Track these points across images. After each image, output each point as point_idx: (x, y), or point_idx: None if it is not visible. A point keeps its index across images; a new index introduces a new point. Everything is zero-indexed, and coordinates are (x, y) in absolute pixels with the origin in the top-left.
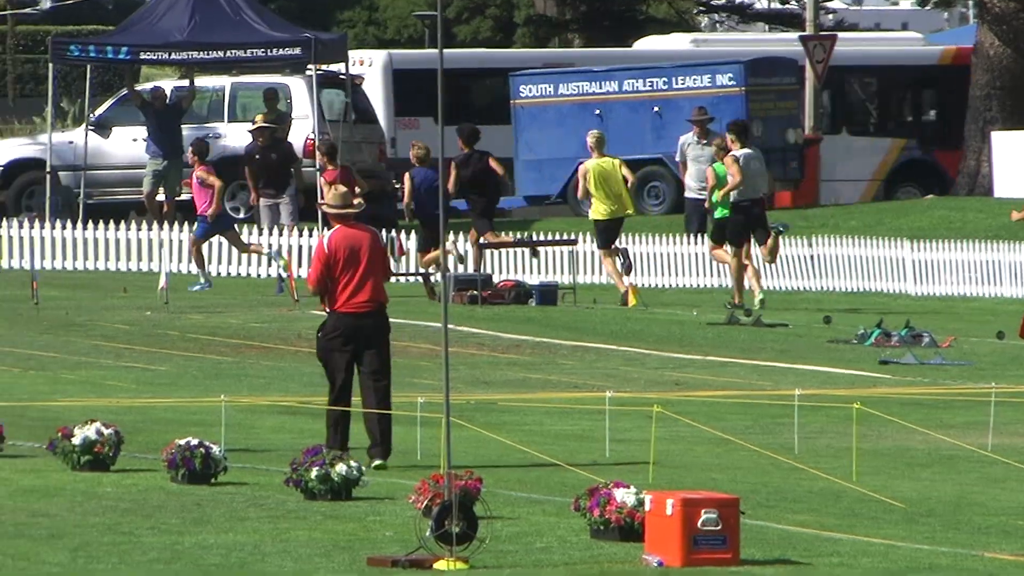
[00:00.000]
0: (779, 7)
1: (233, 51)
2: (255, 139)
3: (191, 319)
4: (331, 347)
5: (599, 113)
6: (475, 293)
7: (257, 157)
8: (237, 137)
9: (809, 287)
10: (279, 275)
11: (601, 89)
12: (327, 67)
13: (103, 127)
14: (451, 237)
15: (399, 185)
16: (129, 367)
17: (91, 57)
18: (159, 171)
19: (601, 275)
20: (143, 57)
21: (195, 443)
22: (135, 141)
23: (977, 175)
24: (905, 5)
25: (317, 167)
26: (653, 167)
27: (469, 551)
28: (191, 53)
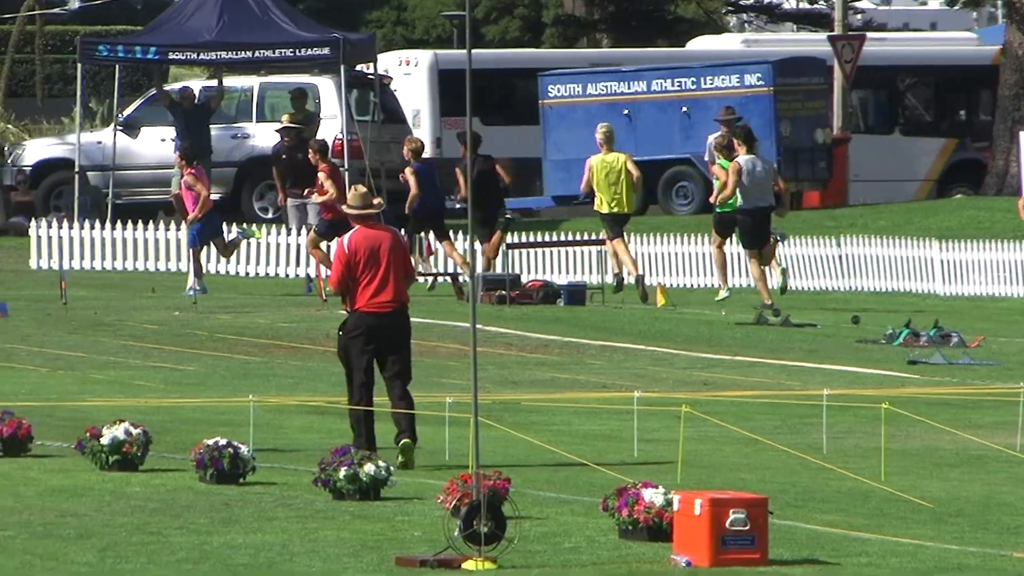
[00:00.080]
0: (807, 7)
1: (261, 51)
2: (282, 139)
3: (219, 319)
4: (352, 346)
5: (627, 113)
6: (503, 293)
7: (284, 157)
8: (265, 137)
9: (838, 287)
10: (241, 237)
11: (629, 89)
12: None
13: (131, 127)
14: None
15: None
16: (157, 367)
17: (119, 57)
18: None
19: (629, 274)
20: (172, 57)
21: (223, 443)
22: (163, 141)
23: (1006, 175)
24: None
25: (346, 167)
26: (681, 167)
27: (497, 551)
28: (220, 53)
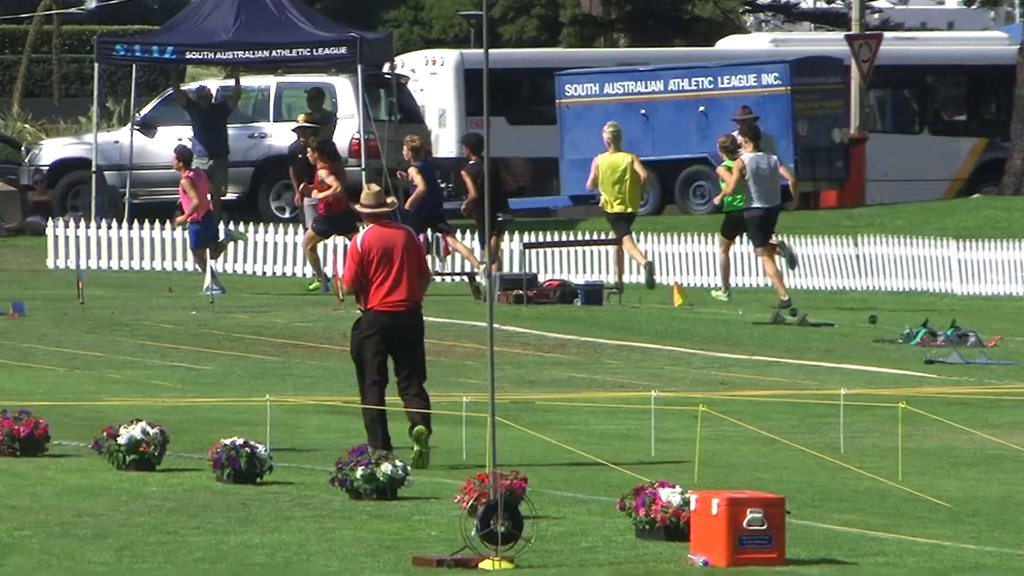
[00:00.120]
0: (825, 7)
1: (279, 51)
2: (298, 139)
3: (236, 319)
4: (365, 345)
5: (644, 113)
6: (521, 293)
7: (300, 157)
8: (282, 137)
9: (855, 287)
10: (227, 239)
11: (647, 89)
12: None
13: (148, 127)
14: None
15: (446, 185)
16: (175, 367)
17: (137, 57)
18: (204, 171)
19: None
20: (189, 57)
21: (240, 443)
22: (180, 141)
23: (1023, 175)
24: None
25: (363, 166)
26: (698, 166)
27: (514, 551)
28: (237, 53)
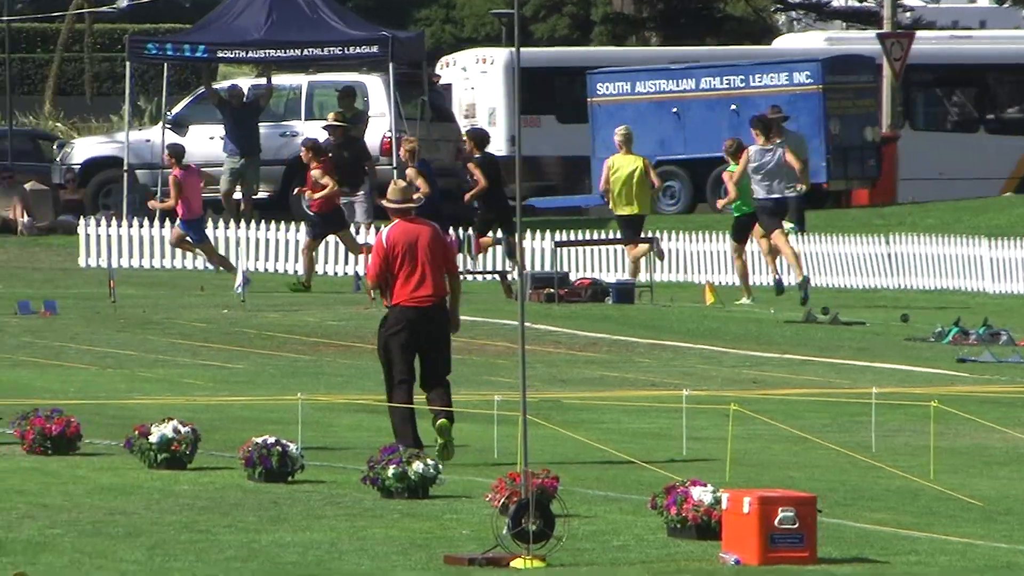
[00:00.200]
0: (856, 5)
1: (310, 49)
2: (328, 137)
3: (268, 317)
4: (392, 341)
5: (676, 111)
6: (552, 291)
7: (330, 155)
8: (314, 135)
9: (887, 285)
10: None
11: (678, 87)
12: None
13: (180, 125)
14: None
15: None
16: (206, 365)
17: (168, 55)
18: (236, 169)
19: (679, 273)
20: (220, 55)
21: (272, 441)
22: (212, 139)
23: None
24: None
25: (394, 165)
26: None
27: (546, 549)
28: (268, 51)
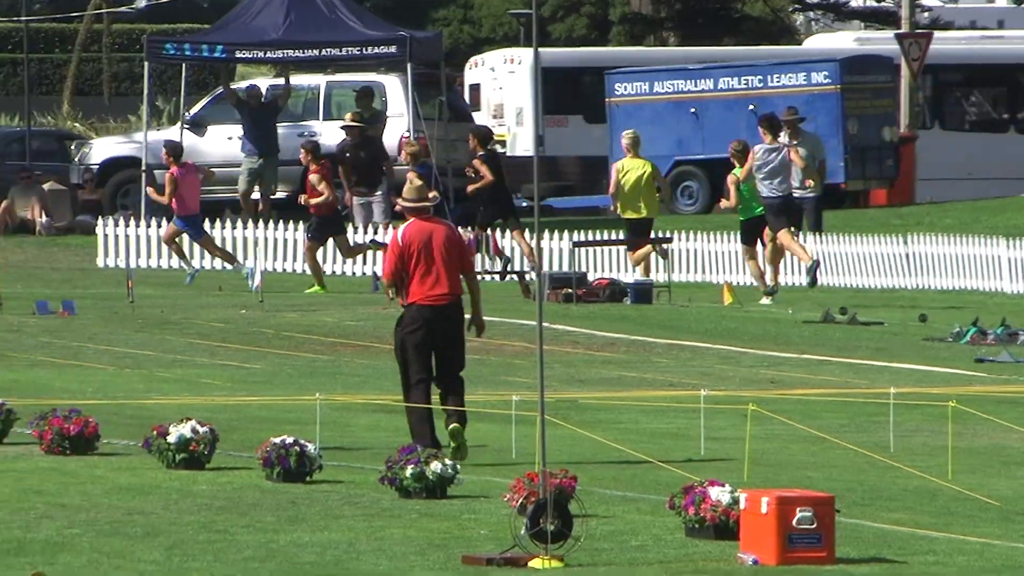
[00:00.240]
0: (874, 5)
1: (328, 49)
2: (346, 137)
3: (286, 317)
4: (408, 340)
5: (694, 111)
6: (570, 291)
7: (347, 155)
8: (332, 136)
9: (905, 285)
10: (249, 275)
11: (696, 87)
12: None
13: (198, 125)
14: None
15: None
16: (224, 365)
17: (186, 56)
18: (254, 169)
19: (697, 273)
20: (238, 55)
21: (290, 441)
22: (230, 139)
23: None
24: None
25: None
26: None
27: (564, 549)
28: (286, 51)
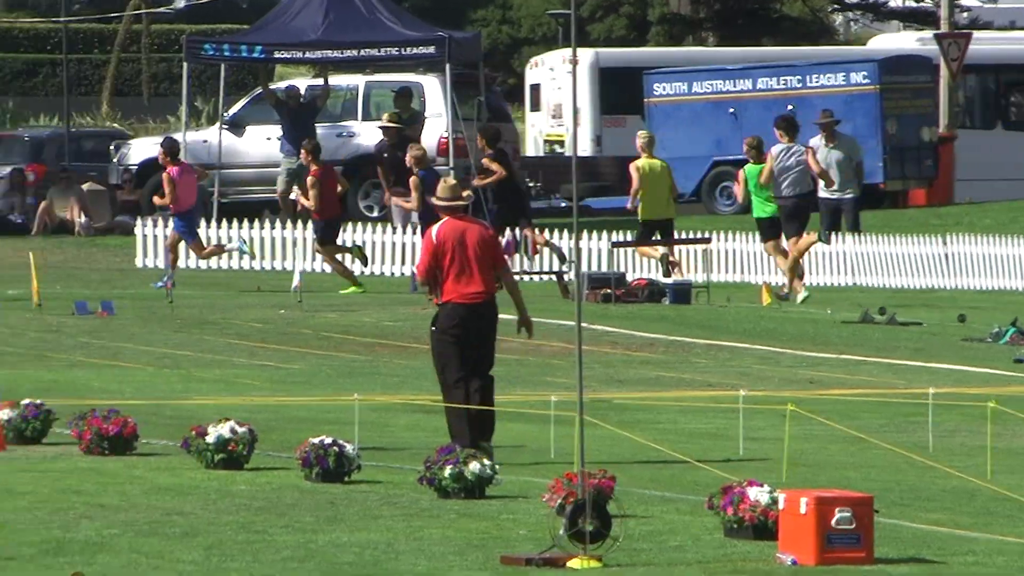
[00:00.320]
0: (913, 5)
1: (367, 50)
2: (383, 138)
3: (325, 317)
4: (443, 340)
5: (733, 111)
6: (609, 291)
7: (385, 156)
8: (371, 136)
9: (943, 285)
10: (241, 252)
11: (735, 88)
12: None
13: (237, 126)
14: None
15: (533, 184)
16: (263, 365)
17: (225, 56)
18: (293, 170)
19: (735, 273)
20: (277, 56)
21: (329, 441)
22: (269, 140)
23: None
24: None
25: (450, 165)
26: None
27: (603, 549)
28: (325, 52)
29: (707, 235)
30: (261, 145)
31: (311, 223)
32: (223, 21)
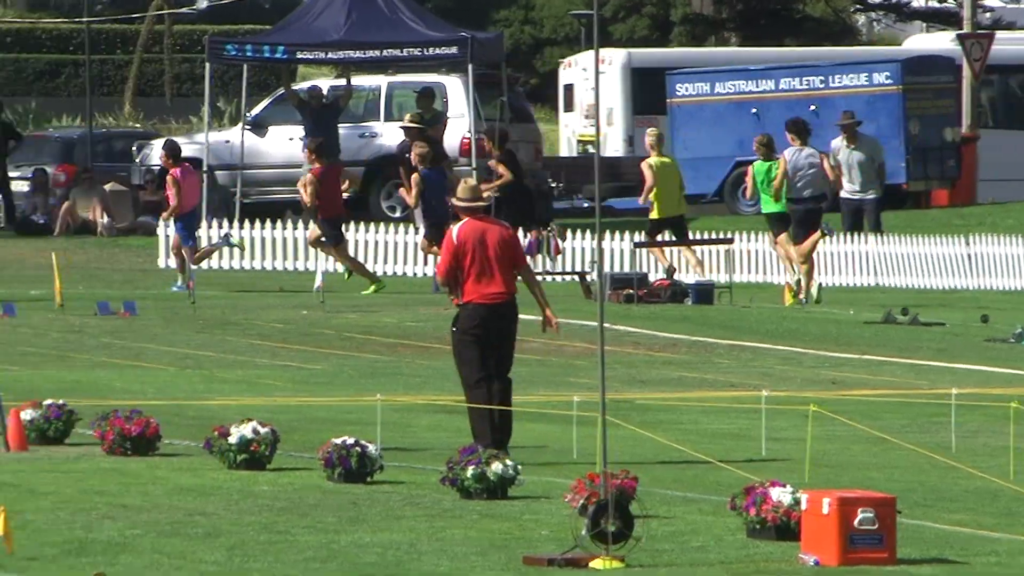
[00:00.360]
0: (936, 5)
1: (389, 50)
2: (405, 138)
3: (347, 318)
4: (464, 341)
5: (755, 112)
6: (631, 292)
7: (407, 156)
8: (393, 136)
9: (966, 286)
10: (221, 244)
11: (758, 88)
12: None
13: (259, 126)
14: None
15: (556, 185)
16: (285, 366)
17: (247, 56)
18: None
19: (758, 274)
20: (300, 56)
21: (351, 442)
22: (291, 140)
23: None
24: None
25: (473, 166)
26: None
27: (625, 550)
28: (348, 52)
29: (730, 235)
30: (283, 146)
31: (318, 222)
32: (245, 21)
